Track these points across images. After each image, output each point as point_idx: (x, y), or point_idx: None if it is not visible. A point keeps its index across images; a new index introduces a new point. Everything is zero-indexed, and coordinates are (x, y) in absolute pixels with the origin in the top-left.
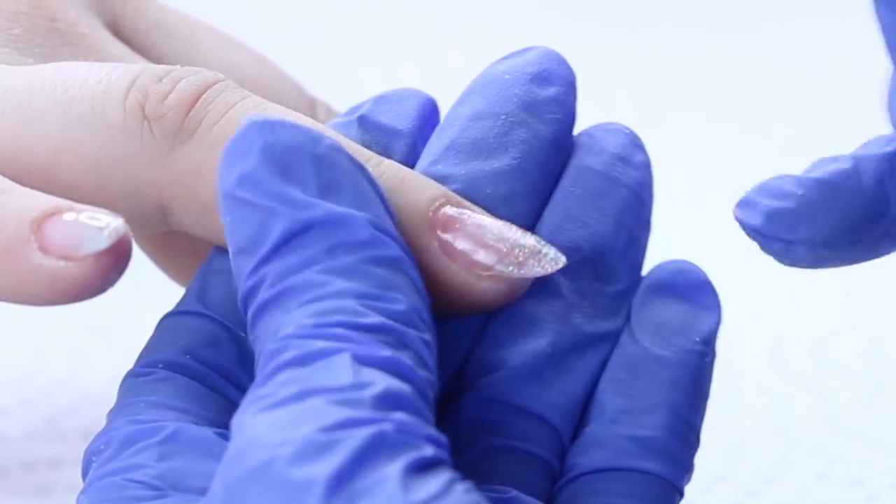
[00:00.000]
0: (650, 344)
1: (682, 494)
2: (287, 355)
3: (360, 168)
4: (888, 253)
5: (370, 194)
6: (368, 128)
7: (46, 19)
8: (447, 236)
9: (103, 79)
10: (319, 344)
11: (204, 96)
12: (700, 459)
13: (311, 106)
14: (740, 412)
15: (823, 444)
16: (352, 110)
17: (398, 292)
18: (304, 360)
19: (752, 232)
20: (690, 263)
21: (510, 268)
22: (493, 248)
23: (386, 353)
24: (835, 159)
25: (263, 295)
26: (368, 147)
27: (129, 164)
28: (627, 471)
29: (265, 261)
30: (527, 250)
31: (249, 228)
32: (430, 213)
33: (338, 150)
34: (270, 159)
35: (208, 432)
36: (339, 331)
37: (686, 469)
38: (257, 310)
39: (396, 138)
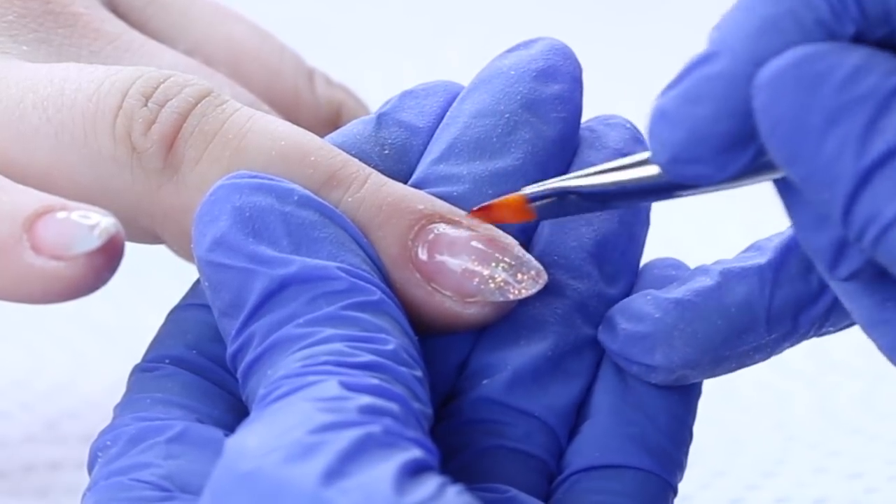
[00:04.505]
0: None
1: (675, 491)
2: (279, 391)
3: (332, 216)
4: (760, 362)
5: (344, 241)
6: (387, 125)
7: (41, 2)
8: (430, 260)
9: (92, 97)
10: (310, 378)
11: (184, 126)
12: (699, 454)
13: (309, 76)
14: (739, 408)
15: (822, 439)
16: (382, 105)
17: (385, 333)
18: (295, 392)
19: (611, 354)
20: (679, 261)
21: (493, 294)
22: (477, 267)
23: (374, 381)
24: (705, 271)
25: (251, 355)
26: (383, 145)
27: (121, 194)
28: (622, 468)
29: (248, 322)
30: (510, 269)
31: (229, 292)
32: (409, 243)
33: (307, 203)
34: (241, 221)
35: (217, 433)
36: (328, 367)
37: (679, 466)
38: (246, 369)
39: (415, 135)
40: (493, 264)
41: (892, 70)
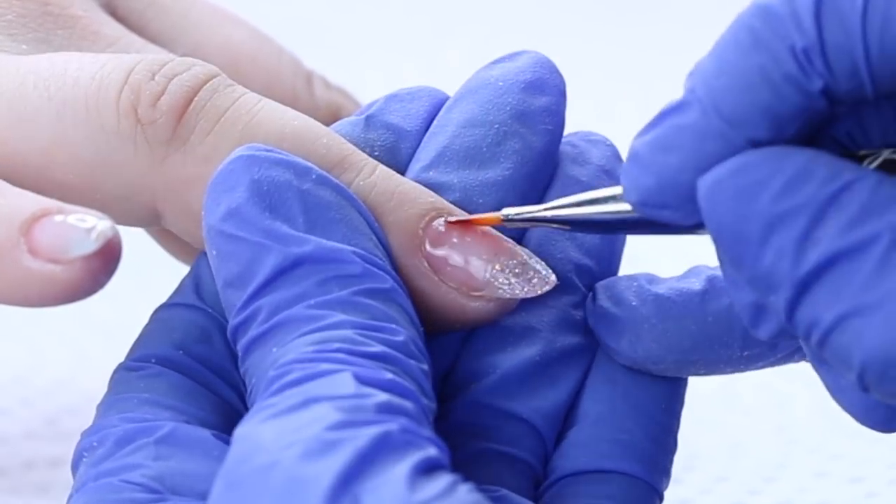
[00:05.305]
0: None
1: (661, 497)
2: (290, 377)
3: (348, 198)
4: (730, 374)
5: (359, 225)
6: (375, 127)
7: (39, 3)
8: (438, 252)
9: (96, 75)
10: (323, 366)
11: (196, 99)
12: (701, 459)
13: (308, 79)
14: (741, 411)
15: (823, 442)
16: (365, 108)
17: (395, 324)
18: (308, 380)
19: (589, 325)
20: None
21: (500, 290)
22: (484, 263)
23: (388, 375)
24: (697, 273)
25: (257, 329)
26: (372, 147)
27: (123, 168)
28: (608, 472)
29: (256, 295)
30: (517, 268)
31: (238, 263)
32: (420, 231)
33: (324, 183)
34: (258, 195)
35: (205, 433)
36: (341, 355)
37: (664, 472)
38: (250, 343)
39: (403, 138)
40: (504, 259)
41: (830, 177)
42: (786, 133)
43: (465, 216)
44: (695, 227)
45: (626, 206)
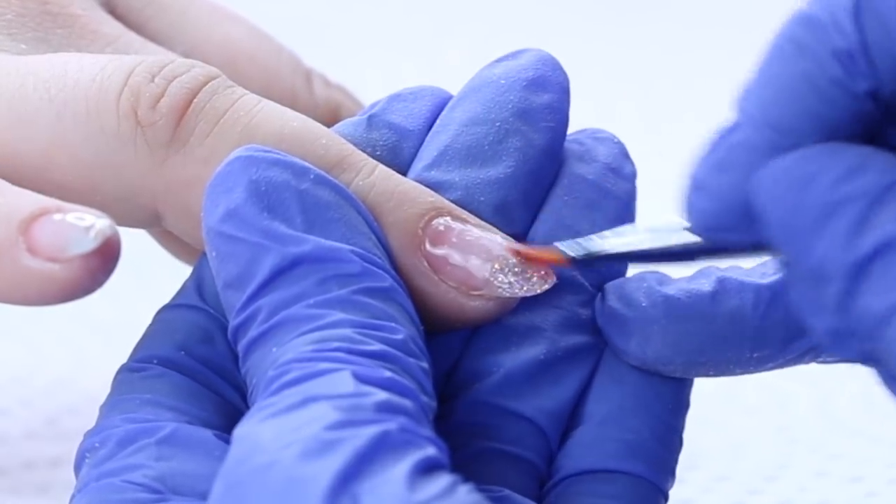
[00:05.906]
0: None
1: (666, 497)
2: (289, 377)
3: (347, 198)
4: (740, 375)
5: (358, 224)
6: (378, 127)
7: (38, 2)
8: (438, 251)
9: (96, 77)
10: (322, 365)
11: (195, 101)
12: (702, 458)
13: (307, 77)
14: (741, 410)
15: (823, 442)
16: (368, 108)
17: (394, 322)
18: (307, 379)
19: (598, 325)
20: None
21: (500, 288)
22: (484, 263)
23: (387, 374)
24: (707, 274)
25: (257, 329)
26: (374, 147)
27: (122, 170)
28: (614, 472)
29: (256, 296)
30: (517, 267)
31: (237, 264)
32: (420, 231)
33: (322, 182)
34: (256, 195)
35: (207, 433)
36: (340, 354)
37: (669, 472)
38: (250, 343)
39: (406, 138)
40: (503, 258)
41: (887, 168)
42: (836, 139)
43: (466, 213)
44: (758, 247)
45: (693, 238)
